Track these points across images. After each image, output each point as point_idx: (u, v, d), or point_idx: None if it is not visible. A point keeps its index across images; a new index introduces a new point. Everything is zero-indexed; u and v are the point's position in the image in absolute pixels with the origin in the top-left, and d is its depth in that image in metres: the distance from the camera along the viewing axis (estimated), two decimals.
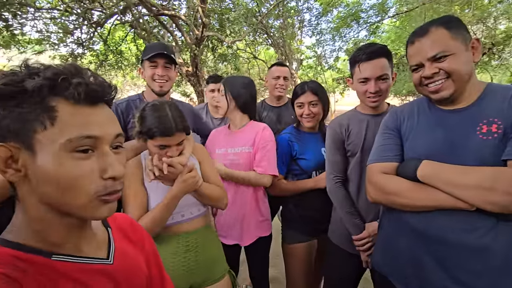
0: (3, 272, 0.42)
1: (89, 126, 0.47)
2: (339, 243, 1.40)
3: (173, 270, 1.13)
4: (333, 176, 1.36)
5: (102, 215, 0.50)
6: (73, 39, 6.83)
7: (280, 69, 2.16)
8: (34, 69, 0.46)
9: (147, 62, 1.54)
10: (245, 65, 11.30)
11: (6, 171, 0.46)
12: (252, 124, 1.63)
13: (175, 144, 1.11)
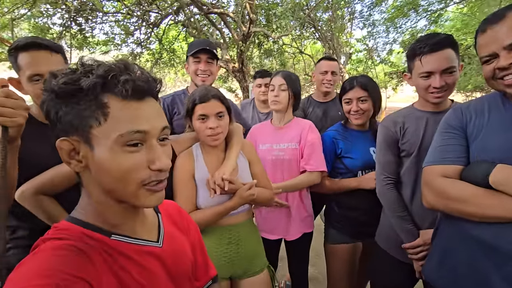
0: (74, 244, 0.47)
1: (137, 121, 0.49)
2: (387, 248, 1.32)
3: (215, 260, 1.17)
4: (383, 177, 1.27)
5: (151, 203, 0.53)
6: (133, 40, 7.49)
7: (329, 63, 2.08)
8: (88, 67, 0.49)
9: (191, 58, 1.63)
10: (290, 60, 11.15)
11: (70, 162, 0.51)
12: (297, 120, 1.63)
13: (214, 114, 1.15)
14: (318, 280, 2.46)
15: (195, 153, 1.24)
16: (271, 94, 1.58)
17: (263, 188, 1.27)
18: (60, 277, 0.41)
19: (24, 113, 0.78)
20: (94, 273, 0.46)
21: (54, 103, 0.49)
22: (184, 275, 0.65)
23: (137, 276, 0.53)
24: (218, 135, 1.17)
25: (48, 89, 0.49)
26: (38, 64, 1.01)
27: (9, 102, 0.75)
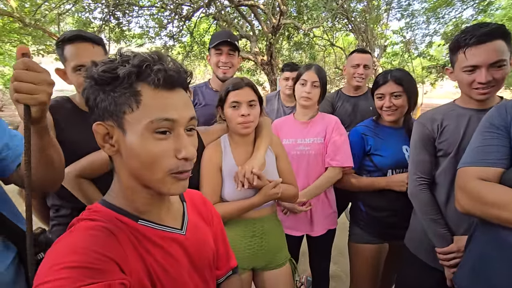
0: (105, 226, 0.51)
1: (167, 110, 0.51)
2: (417, 253, 1.26)
3: (239, 252, 1.20)
4: (416, 177, 1.20)
5: (176, 191, 0.55)
6: (166, 33, 7.71)
7: (361, 56, 1.99)
8: (125, 57, 0.52)
9: (213, 50, 1.65)
10: (321, 53, 10.83)
11: (104, 145, 0.54)
12: (322, 115, 1.60)
13: (246, 102, 1.16)
14: (340, 278, 2.42)
15: (223, 145, 1.25)
16: (301, 89, 1.54)
17: (288, 185, 1.27)
18: (91, 255, 0.44)
19: (47, 89, 0.65)
20: (122, 254, 0.49)
21: (93, 90, 0.52)
22: (206, 263, 0.67)
23: (161, 260, 0.56)
24: (249, 123, 1.17)
25: (88, 76, 0.52)
26: (82, 56, 1.08)
27: (29, 76, 0.62)
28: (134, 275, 0.50)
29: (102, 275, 0.43)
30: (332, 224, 1.60)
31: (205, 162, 1.21)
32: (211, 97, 1.68)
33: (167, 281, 0.56)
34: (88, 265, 0.43)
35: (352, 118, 1.96)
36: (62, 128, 1.09)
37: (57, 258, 0.43)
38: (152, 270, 0.54)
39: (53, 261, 0.43)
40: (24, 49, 0.64)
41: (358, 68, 1.98)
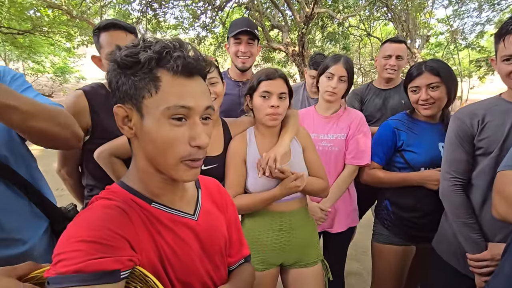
0: (119, 205, 0.54)
1: (184, 97, 0.52)
2: (447, 257, 1.17)
3: (266, 246, 1.19)
4: (450, 176, 1.11)
5: (188, 178, 0.56)
6: (199, 23, 7.85)
7: (393, 46, 1.85)
8: (148, 43, 0.53)
9: (232, 39, 1.62)
10: (356, 43, 10.34)
11: (123, 127, 0.56)
12: (348, 110, 1.53)
13: (277, 93, 1.14)
14: (361, 276, 2.37)
15: (248, 136, 1.24)
16: (327, 83, 1.46)
17: (315, 178, 1.22)
18: (104, 232, 0.47)
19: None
20: (133, 233, 0.52)
21: (116, 73, 0.54)
22: (217, 250, 0.68)
23: (172, 242, 0.58)
24: (277, 115, 1.15)
25: (112, 59, 0.54)
26: (115, 43, 1.13)
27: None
28: (144, 254, 0.53)
29: (112, 251, 0.46)
30: (353, 222, 1.55)
31: (230, 153, 1.21)
32: (230, 87, 1.66)
33: (176, 263, 0.58)
34: (100, 241, 0.45)
35: (382, 113, 1.85)
36: (97, 113, 1.16)
37: (74, 232, 0.46)
38: (162, 251, 0.56)
39: (71, 234, 0.46)
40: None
41: (389, 59, 1.84)
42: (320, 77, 1.51)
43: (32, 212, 0.81)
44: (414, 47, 7.64)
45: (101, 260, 0.43)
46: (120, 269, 0.45)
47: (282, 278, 1.27)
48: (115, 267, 0.44)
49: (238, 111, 1.60)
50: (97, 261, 0.43)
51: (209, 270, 0.66)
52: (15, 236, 0.75)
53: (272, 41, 6.84)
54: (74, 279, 0.41)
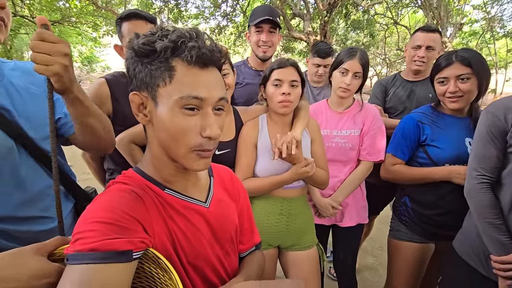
0: (134, 190, 0.56)
1: (197, 88, 0.52)
2: (468, 258, 1.12)
3: (265, 227, 1.24)
4: (477, 173, 1.05)
5: (198, 167, 0.57)
6: (220, 12, 7.82)
7: (425, 36, 1.71)
8: (165, 32, 0.53)
9: (253, 28, 1.59)
10: (381, 32, 9.88)
11: (138, 114, 0.57)
12: (363, 105, 1.48)
13: (288, 81, 1.17)
14: (376, 271, 2.34)
15: (261, 123, 1.28)
16: (341, 79, 1.40)
17: (319, 169, 1.25)
18: (119, 214, 0.49)
19: (61, 60, 0.64)
20: (147, 217, 0.54)
21: (133, 61, 0.55)
22: (227, 237, 0.70)
23: (183, 227, 0.60)
24: (289, 103, 1.17)
25: (129, 47, 0.55)
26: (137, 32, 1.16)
27: (44, 46, 0.62)
28: (157, 237, 0.55)
29: (126, 232, 0.48)
30: (363, 219, 1.52)
31: (242, 138, 1.25)
32: (251, 77, 1.65)
33: (188, 247, 0.60)
34: (115, 222, 0.48)
35: (407, 105, 1.76)
36: (118, 100, 1.20)
37: (91, 213, 0.49)
38: (174, 235, 0.58)
39: (88, 215, 0.49)
40: (42, 19, 0.63)
41: (419, 50, 1.73)
42: (333, 71, 1.45)
43: (64, 196, 0.89)
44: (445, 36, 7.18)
45: (115, 241, 0.46)
46: (133, 250, 0.47)
47: (280, 259, 1.33)
48: (128, 248, 0.46)
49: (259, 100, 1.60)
50: (111, 241, 0.45)
51: (219, 256, 0.67)
52: (48, 214, 0.83)
53: (293, 30, 6.69)
54: (89, 256, 0.43)
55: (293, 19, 7.69)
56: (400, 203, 1.46)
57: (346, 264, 1.56)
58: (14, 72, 0.81)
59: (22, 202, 0.77)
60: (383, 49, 11.25)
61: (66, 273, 0.43)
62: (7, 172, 0.74)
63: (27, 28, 9.31)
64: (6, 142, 0.73)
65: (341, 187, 1.44)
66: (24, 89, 0.81)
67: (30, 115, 0.79)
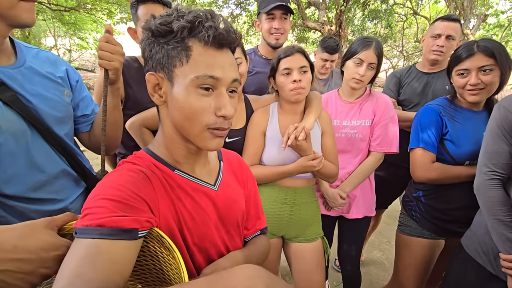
0: (142, 170, 0.57)
1: (213, 67, 0.53)
2: (476, 255, 1.10)
3: (268, 215, 1.24)
4: (488, 170, 1.02)
5: (212, 146, 0.58)
6: (233, 1, 7.71)
7: (446, 24, 1.64)
8: (181, 13, 0.54)
9: (264, 15, 1.54)
10: (400, 23, 9.52)
11: (153, 94, 0.58)
12: (373, 95, 1.44)
13: (297, 68, 1.15)
14: (383, 265, 2.33)
15: (271, 111, 1.27)
16: (355, 70, 1.35)
17: (328, 162, 1.24)
18: (126, 193, 0.50)
19: (119, 58, 0.84)
20: (153, 196, 0.55)
21: (149, 42, 0.56)
22: (233, 220, 0.71)
23: (190, 208, 0.61)
24: (301, 89, 1.15)
25: (146, 28, 0.56)
26: None
27: (108, 47, 0.81)
28: (162, 217, 0.56)
29: (132, 211, 0.49)
30: (370, 211, 1.50)
31: (251, 125, 1.25)
32: (261, 65, 1.63)
33: (194, 228, 0.61)
34: (122, 200, 0.49)
35: (421, 98, 1.71)
36: (129, 84, 1.22)
37: (100, 191, 0.50)
38: (180, 215, 0.59)
39: (97, 192, 0.50)
40: (108, 27, 0.83)
41: (438, 39, 1.65)
42: (346, 61, 1.41)
43: (74, 181, 0.93)
44: (468, 27, 6.86)
45: (121, 218, 0.47)
46: (138, 229, 0.48)
47: (284, 250, 1.34)
48: (133, 226, 0.47)
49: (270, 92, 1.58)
50: (117, 218, 0.46)
51: (224, 239, 0.68)
52: (59, 197, 0.87)
53: (308, 20, 6.53)
54: (96, 232, 0.45)
55: (307, 8, 7.51)
56: (412, 198, 1.42)
57: (350, 255, 1.55)
58: (35, 59, 0.86)
59: (34, 184, 0.80)
60: (401, 40, 10.88)
61: (74, 245, 0.45)
62: (21, 154, 0.77)
63: (44, 15, 9.48)
64: (20, 125, 0.76)
65: (349, 178, 1.42)
66: (43, 75, 0.85)
67: (46, 100, 0.83)
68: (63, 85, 0.90)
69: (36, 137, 0.80)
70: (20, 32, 8.68)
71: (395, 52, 12.83)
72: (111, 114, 0.89)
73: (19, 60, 0.80)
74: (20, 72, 0.79)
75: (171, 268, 0.50)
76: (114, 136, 0.96)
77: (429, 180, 1.29)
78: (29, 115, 0.77)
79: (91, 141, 1.00)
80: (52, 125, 0.83)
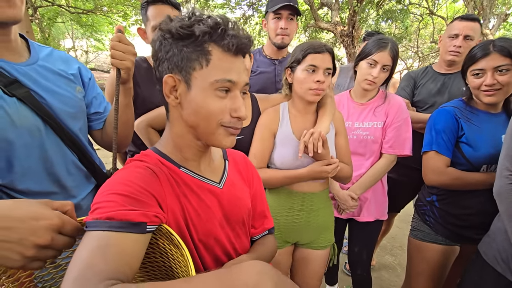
0: (150, 167, 0.59)
1: (230, 72, 0.57)
2: (494, 263, 1.06)
3: (285, 223, 1.21)
4: (509, 173, 0.97)
5: (226, 144, 0.61)
6: (246, 2, 7.74)
7: (463, 24, 1.60)
8: (199, 17, 0.56)
9: (271, 14, 1.54)
10: (415, 23, 9.30)
11: (169, 96, 0.60)
12: (388, 96, 1.41)
13: (324, 68, 1.10)
14: (395, 270, 2.28)
15: (282, 112, 1.23)
16: (368, 71, 1.33)
17: (343, 164, 1.21)
18: (135, 188, 0.52)
19: (131, 58, 0.85)
20: (161, 191, 0.57)
21: (168, 43, 0.57)
22: (239, 219, 0.72)
23: (196, 205, 0.62)
24: (321, 91, 1.12)
25: (164, 29, 0.57)
26: (161, 16, 1.17)
27: (120, 46, 0.83)
28: (170, 213, 0.58)
29: (141, 205, 0.50)
30: (382, 215, 1.47)
31: (260, 125, 1.22)
32: (265, 65, 1.63)
33: (199, 225, 0.62)
34: (131, 195, 0.50)
35: (437, 99, 1.66)
36: (138, 85, 1.24)
37: (110, 186, 0.52)
38: (186, 212, 0.61)
39: (107, 188, 0.52)
40: (120, 27, 0.85)
41: (455, 39, 1.61)
42: (360, 61, 1.38)
43: (85, 177, 0.96)
44: (487, 27, 6.63)
45: (130, 212, 0.48)
46: (147, 223, 0.49)
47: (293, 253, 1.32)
48: (142, 220, 0.49)
49: (273, 89, 1.57)
50: (126, 211, 0.48)
51: (230, 237, 0.69)
52: (71, 193, 0.90)
53: (320, 20, 6.48)
54: (105, 224, 0.46)
55: (320, 9, 7.45)
56: (425, 202, 1.38)
57: (361, 259, 1.52)
58: (49, 57, 0.88)
59: (47, 179, 0.83)
60: (416, 41, 10.63)
61: (84, 238, 0.46)
62: (35, 148, 0.79)
63: (63, 17, 9.81)
64: (34, 121, 0.79)
65: (360, 181, 1.40)
66: (56, 72, 0.87)
67: (59, 96, 0.85)
68: (75, 82, 0.92)
69: (50, 132, 0.82)
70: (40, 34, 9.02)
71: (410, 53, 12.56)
72: (123, 112, 0.91)
73: (33, 57, 0.83)
74: (33, 69, 0.81)
75: (180, 266, 0.51)
76: (125, 134, 0.98)
77: (441, 185, 1.26)
78: (43, 111, 0.79)
79: (103, 139, 1.02)
80: (66, 120, 0.86)
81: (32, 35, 5.25)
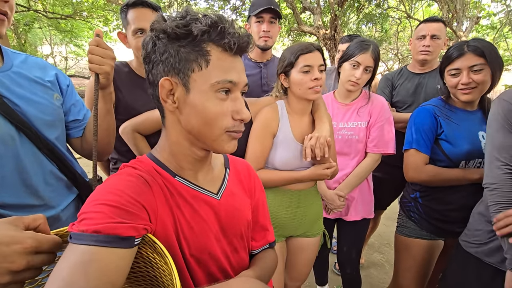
0: (141, 175, 0.55)
1: (231, 72, 0.54)
2: (471, 249, 1.09)
3: (284, 221, 1.24)
4: (501, 163, 0.98)
5: (229, 149, 0.57)
6: (229, 6, 7.76)
7: (429, 25, 1.70)
8: (194, 15, 0.52)
9: (254, 18, 1.57)
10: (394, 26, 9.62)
11: (166, 100, 0.55)
12: (370, 97, 1.44)
13: (318, 65, 1.13)
14: (383, 267, 2.32)
15: (281, 112, 1.22)
16: (351, 73, 1.36)
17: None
18: (125, 198, 0.49)
19: (110, 62, 0.82)
20: (152, 202, 0.53)
21: (162, 44, 0.52)
22: (236, 232, 0.67)
23: (189, 217, 0.58)
24: (320, 88, 1.14)
25: (158, 29, 0.52)
26: (142, 20, 1.16)
27: (98, 51, 0.80)
28: (160, 224, 0.54)
29: (130, 217, 0.47)
30: (369, 213, 1.50)
31: (259, 124, 1.19)
32: (251, 69, 1.64)
33: (192, 238, 0.58)
34: (120, 206, 0.47)
35: (415, 99, 1.73)
36: (119, 89, 1.21)
37: (99, 195, 0.49)
38: (178, 224, 0.57)
39: (95, 197, 0.49)
40: (98, 31, 0.81)
41: (424, 40, 1.71)
42: (343, 63, 1.41)
43: (66, 187, 0.91)
44: (461, 30, 6.94)
45: (118, 225, 0.45)
46: (135, 237, 0.47)
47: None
48: (131, 234, 0.46)
49: (259, 92, 1.58)
50: (115, 225, 0.45)
51: (226, 251, 0.65)
52: (50, 204, 0.84)
53: (303, 24, 6.58)
54: (92, 238, 0.43)
55: (303, 13, 7.58)
56: (409, 199, 1.42)
57: (350, 258, 1.54)
58: (24, 64, 0.84)
59: (24, 190, 0.78)
60: (395, 44, 10.99)
61: (67, 251, 0.43)
62: (10, 159, 0.75)
63: (40, 23, 9.48)
64: (7, 129, 0.74)
65: (347, 180, 1.42)
66: (32, 79, 0.83)
67: (34, 103, 0.81)
68: (52, 89, 0.88)
69: (25, 141, 0.78)
70: (16, 40, 8.68)
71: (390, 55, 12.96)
72: (103, 119, 0.88)
73: (6, 64, 0.79)
74: (6, 76, 0.77)
75: (164, 274, 0.49)
76: (106, 141, 0.94)
77: (421, 182, 1.31)
78: (16, 119, 0.75)
79: (83, 147, 0.97)
80: (41, 128, 0.81)
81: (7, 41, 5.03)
